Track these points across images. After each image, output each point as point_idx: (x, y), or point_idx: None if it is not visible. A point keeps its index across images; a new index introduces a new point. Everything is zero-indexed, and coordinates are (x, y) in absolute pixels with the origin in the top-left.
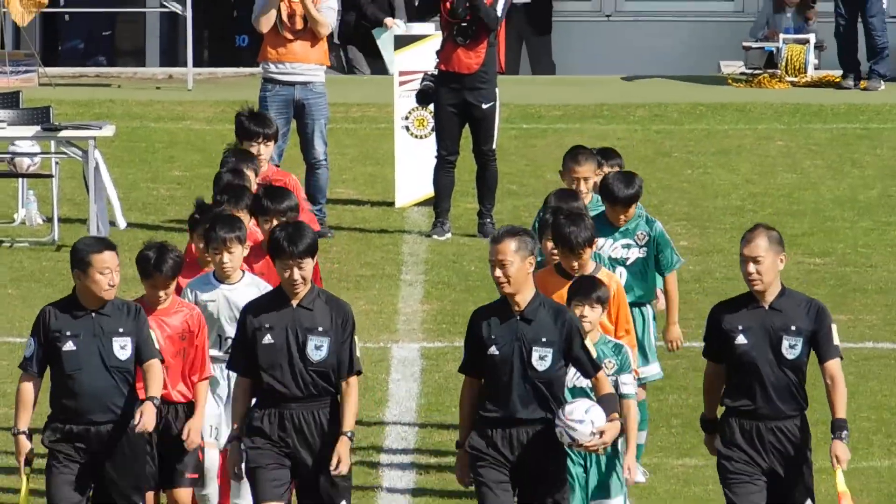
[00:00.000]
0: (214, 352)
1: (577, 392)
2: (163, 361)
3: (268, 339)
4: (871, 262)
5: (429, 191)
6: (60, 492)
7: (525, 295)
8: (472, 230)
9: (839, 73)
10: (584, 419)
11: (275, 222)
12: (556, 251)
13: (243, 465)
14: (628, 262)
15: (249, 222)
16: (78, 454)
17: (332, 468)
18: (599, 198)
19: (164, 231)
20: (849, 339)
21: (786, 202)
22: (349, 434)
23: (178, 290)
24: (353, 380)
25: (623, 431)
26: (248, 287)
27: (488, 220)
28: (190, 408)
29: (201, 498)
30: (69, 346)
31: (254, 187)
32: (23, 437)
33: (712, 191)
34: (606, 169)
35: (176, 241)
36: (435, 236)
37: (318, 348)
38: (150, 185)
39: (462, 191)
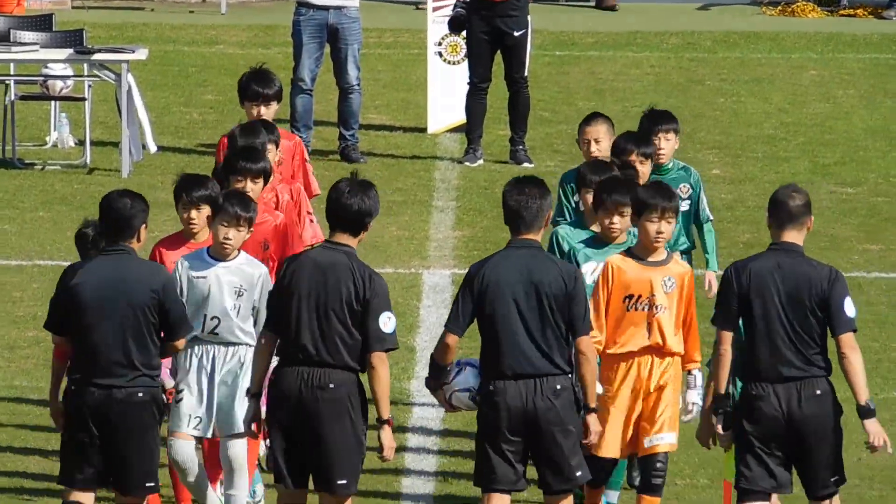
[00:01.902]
0: (197, 332)
1: None
2: None
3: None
4: None
5: (461, 117)
6: None
7: None
8: (504, 157)
9: (880, 3)
10: None
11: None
12: (616, 224)
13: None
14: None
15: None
16: None
17: None
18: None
19: (196, 154)
20: (881, 269)
21: (818, 131)
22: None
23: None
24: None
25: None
26: (242, 266)
27: (520, 147)
28: None
29: (188, 484)
30: None
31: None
32: None
33: (745, 119)
34: (662, 136)
35: (208, 165)
36: (467, 163)
37: None
38: (183, 109)
39: (494, 118)
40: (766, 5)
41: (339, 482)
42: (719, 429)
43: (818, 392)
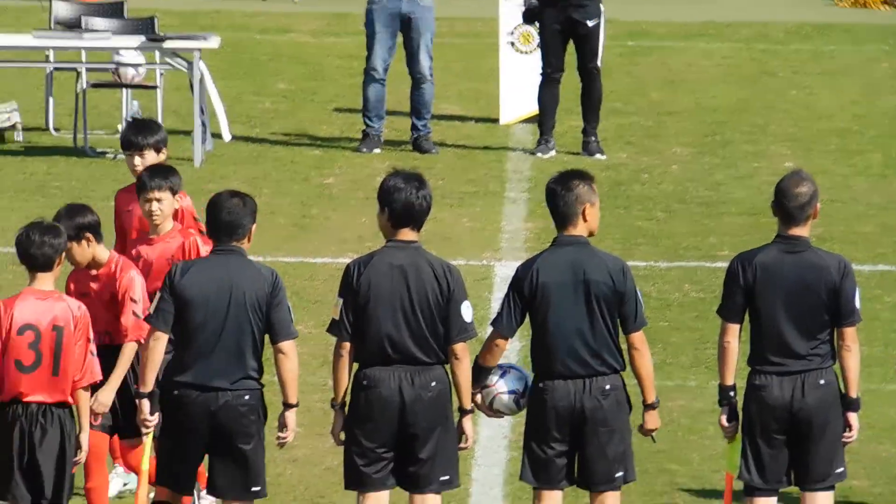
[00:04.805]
0: None
1: None
2: None
3: None
4: None
5: (533, 108)
6: None
7: None
8: (577, 148)
9: None
10: None
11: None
12: None
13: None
14: None
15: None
16: None
17: None
18: None
19: (268, 144)
20: None
21: (891, 124)
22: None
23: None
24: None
25: None
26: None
27: (593, 137)
28: None
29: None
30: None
31: None
32: None
33: (817, 112)
34: None
35: (280, 155)
36: (539, 154)
37: None
38: (255, 98)
39: (566, 108)
40: None
41: (442, 478)
42: (723, 420)
43: (822, 382)
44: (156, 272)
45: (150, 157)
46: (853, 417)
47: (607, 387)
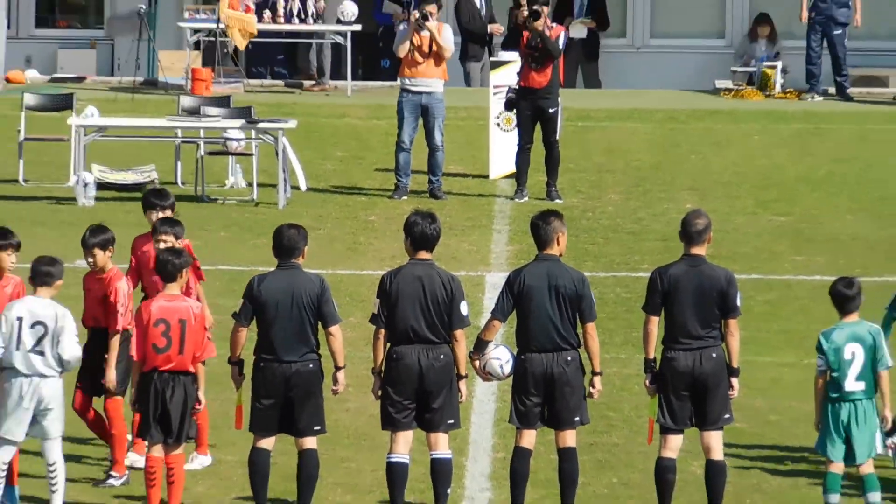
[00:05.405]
0: None
1: None
2: None
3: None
4: (820, 220)
5: (512, 168)
6: None
7: None
8: (542, 195)
9: (801, 88)
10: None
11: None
12: None
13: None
14: None
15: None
16: None
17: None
18: None
19: (329, 193)
20: (805, 273)
21: (760, 179)
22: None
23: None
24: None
25: None
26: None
27: (553, 188)
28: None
29: None
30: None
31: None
32: None
33: (709, 170)
34: None
35: (337, 200)
36: (516, 199)
37: None
38: (321, 162)
39: (535, 168)
40: (723, 91)
41: (449, 422)
42: (647, 382)
43: (714, 355)
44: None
45: (165, 213)
46: (735, 381)
47: (569, 358)
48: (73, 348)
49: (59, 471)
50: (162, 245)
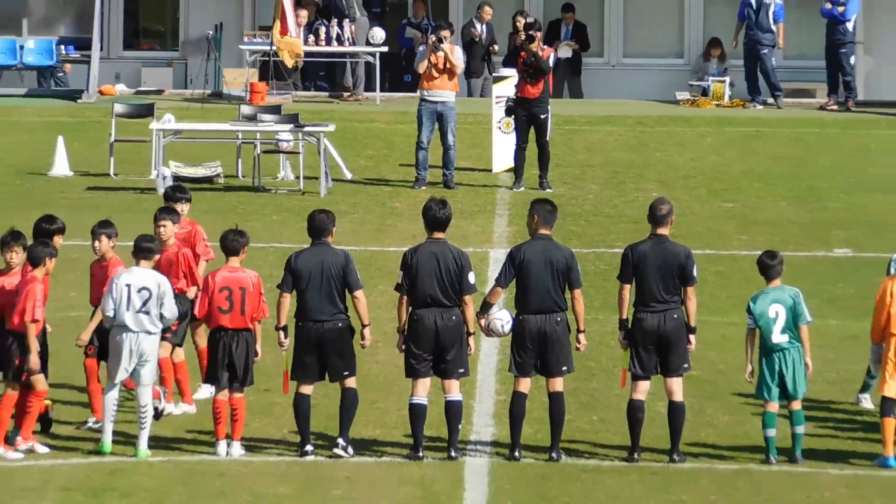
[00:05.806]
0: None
1: None
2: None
3: None
4: (760, 206)
5: (511, 163)
6: None
7: None
8: (536, 186)
9: (745, 99)
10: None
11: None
12: None
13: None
14: None
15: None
16: None
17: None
18: None
19: (361, 185)
20: (749, 250)
21: (712, 173)
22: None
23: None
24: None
25: None
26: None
27: (544, 180)
28: None
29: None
30: None
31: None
32: None
33: (672, 166)
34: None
35: (368, 190)
36: (514, 189)
37: None
38: (355, 158)
39: (530, 163)
40: (682, 101)
41: (459, 371)
42: (621, 337)
43: (675, 316)
44: (163, 267)
45: (183, 206)
46: (692, 337)
47: (559, 319)
48: (173, 308)
49: (149, 412)
50: (161, 229)
